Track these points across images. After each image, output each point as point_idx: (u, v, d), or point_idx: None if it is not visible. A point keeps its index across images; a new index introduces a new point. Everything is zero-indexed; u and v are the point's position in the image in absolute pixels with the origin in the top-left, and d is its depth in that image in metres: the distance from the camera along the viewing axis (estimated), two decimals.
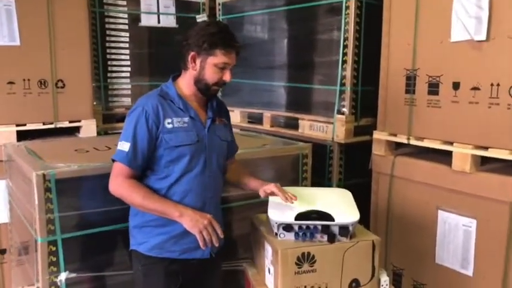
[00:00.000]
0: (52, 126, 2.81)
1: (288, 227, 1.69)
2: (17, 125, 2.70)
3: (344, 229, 1.68)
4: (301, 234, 1.69)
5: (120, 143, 1.66)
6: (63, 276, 1.86)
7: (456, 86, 2.09)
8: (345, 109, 2.65)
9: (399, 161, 2.38)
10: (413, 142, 2.31)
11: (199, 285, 1.79)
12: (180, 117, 1.69)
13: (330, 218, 1.68)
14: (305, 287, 1.66)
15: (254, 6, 3.25)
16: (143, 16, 3.33)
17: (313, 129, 2.82)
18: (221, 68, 1.67)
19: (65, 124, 2.85)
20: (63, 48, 2.79)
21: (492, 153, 1.98)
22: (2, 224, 2.65)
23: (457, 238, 2.13)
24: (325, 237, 1.68)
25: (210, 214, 1.66)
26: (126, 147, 1.63)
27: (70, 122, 2.86)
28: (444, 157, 2.17)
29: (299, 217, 1.68)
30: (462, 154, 2.07)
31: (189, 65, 1.69)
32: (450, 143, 2.13)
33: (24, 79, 2.70)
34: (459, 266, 2.14)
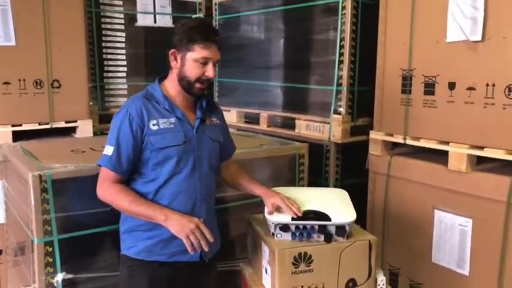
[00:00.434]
0: (48, 126, 2.80)
1: (285, 227, 1.69)
2: (13, 126, 2.69)
3: (341, 229, 1.69)
4: (298, 234, 1.69)
5: (105, 147, 1.64)
6: (59, 277, 1.85)
7: (452, 86, 2.10)
8: (342, 109, 2.66)
9: (395, 161, 2.39)
10: (409, 142, 2.32)
11: None
12: (166, 118, 1.66)
13: (327, 218, 1.68)
14: (302, 287, 1.66)
15: (250, 6, 3.26)
16: (139, 16, 3.32)
17: (309, 129, 2.82)
18: (202, 64, 1.63)
19: (61, 124, 2.84)
20: (59, 48, 2.79)
21: (488, 153, 1.98)
22: None
23: (453, 238, 2.14)
24: (321, 237, 1.69)
25: (201, 217, 1.64)
26: (110, 151, 1.61)
27: (66, 122, 2.85)
28: (440, 157, 2.18)
29: (296, 217, 1.68)
30: (458, 154, 2.07)
31: (172, 63, 1.67)
32: (446, 143, 2.14)
33: (19, 79, 2.69)
34: (455, 266, 2.15)
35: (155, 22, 3.40)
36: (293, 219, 1.67)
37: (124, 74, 3.31)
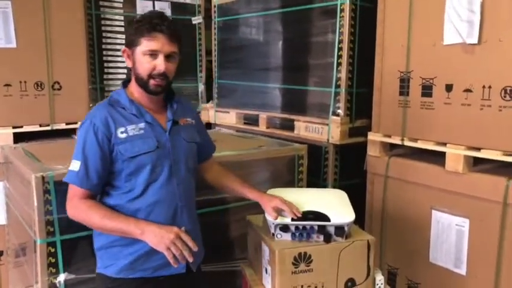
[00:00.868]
0: (49, 128, 2.83)
1: (285, 228, 1.70)
2: (14, 127, 2.72)
3: (340, 229, 1.70)
4: (297, 234, 1.70)
5: (71, 163, 1.52)
6: (62, 277, 1.87)
7: (449, 88, 2.12)
8: (340, 111, 2.67)
9: (393, 162, 2.41)
10: (407, 143, 2.33)
11: None
12: (135, 124, 1.55)
13: (326, 219, 1.69)
14: (302, 287, 1.68)
15: (250, 8, 3.26)
16: None
17: (308, 130, 2.83)
18: (151, 56, 1.52)
19: (62, 126, 2.87)
20: (59, 50, 2.82)
21: (484, 154, 2.00)
22: None
23: (450, 237, 2.15)
24: (321, 237, 1.70)
25: (183, 225, 1.53)
26: (76, 166, 1.50)
27: (66, 124, 2.88)
28: (438, 158, 2.19)
29: (295, 218, 1.69)
30: (455, 155, 2.09)
31: (126, 63, 1.58)
32: (443, 144, 2.15)
33: (20, 81, 2.72)
34: (452, 265, 2.16)
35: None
36: (293, 219, 1.68)
37: (124, 76, 3.32)
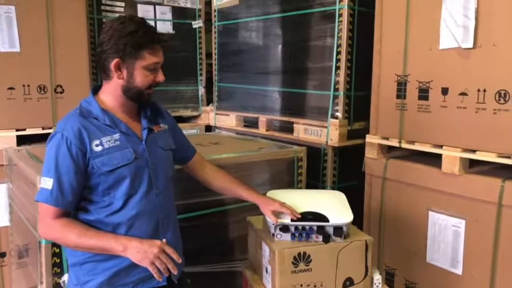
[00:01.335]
0: (51, 131, 2.83)
1: (285, 228, 1.72)
2: (17, 130, 2.73)
3: (338, 230, 1.73)
4: (297, 234, 1.72)
5: (42, 180, 1.42)
6: (66, 277, 1.86)
7: (445, 92, 2.15)
8: (339, 113, 2.70)
9: (391, 164, 2.43)
10: (404, 145, 2.36)
11: None
12: (109, 135, 1.47)
13: (325, 219, 1.72)
14: (301, 286, 1.70)
15: (249, 12, 3.28)
16: None
17: (307, 133, 2.85)
18: (152, 70, 1.49)
19: None
20: (62, 54, 2.84)
21: (480, 156, 2.03)
22: (2, 228, 2.68)
23: (447, 238, 2.18)
24: (320, 237, 1.72)
25: (166, 236, 1.51)
26: (49, 184, 1.40)
27: None
28: (434, 160, 2.22)
29: (295, 218, 1.72)
30: (451, 157, 2.12)
31: (113, 74, 1.47)
32: (440, 146, 2.18)
33: (24, 85, 2.74)
34: (449, 265, 2.19)
35: (155, 28, 3.44)
36: (292, 220, 1.71)
37: None
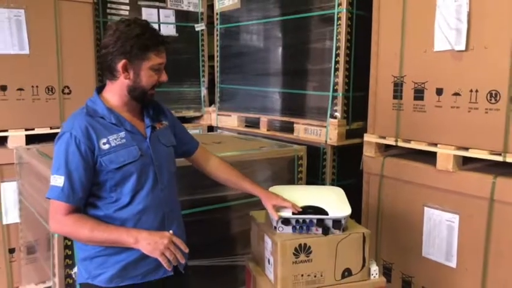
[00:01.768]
0: (58, 130, 2.88)
1: (286, 221, 1.78)
2: (26, 129, 2.80)
3: (337, 222, 1.78)
4: (298, 227, 1.78)
5: (52, 178, 1.46)
6: (77, 268, 1.91)
7: (439, 92, 2.20)
8: (337, 113, 2.73)
9: (388, 162, 2.48)
10: (401, 144, 2.40)
11: None
12: (115, 133, 1.52)
13: (324, 213, 1.77)
14: (302, 276, 1.76)
15: (250, 16, 3.32)
16: None
17: (307, 132, 2.88)
18: (156, 70, 1.55)
19: None
20: (69, 56, 2.91)
21: (472, 153, 2.08)
22: (11, 224, 2.73)
23: (442, 233, 2.23)
24: (320, 230, 1.78)
25: (171, 230, 1.54)
26: (60, 182, 1.44)
27: None
28: (429, 158, 2.27)
29: (296, 212, 1.77)
30: (445, 155, 2.17)
31: (120, 75, 1.52)
32: (434, 145, 2.23)
33: (32, 86, 2.81)
34: (444, 259, 2.24)
35: (159, 31, 3.51)
36: (293, 213, 1.76)
37: None
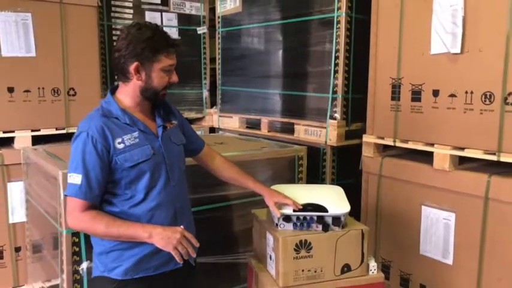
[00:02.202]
0: (64, 131, 2.95)
1: (287, 218, 1.82)
2: (32, 130, 2.84)
3: (336, 219, 1.83)
4: (299, 224, 1.82)
5: (69, 176, 1.52)
6: (84, 265, 1.99)
7: (436, 94, 2.24)
8: (337, 115, 2.77)
9: (387, 162, 2.52)
10: (398, 144, 2.44)
11: None
12: (129, 133, 1.58)
13: (324, 210, 1.82)
14: (303, 271, 1.80)
15: (252, 19, 3.35)
16: None
17: (307, 133, 2.91)
18: (167, 71, 1.60)
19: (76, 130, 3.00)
20: (74, 58, 2.95)
21: (468, 153, 2.12)
22: (18, 224, 2.77)
23: (439, 231, 2.27)
24: (320, 226, 1.82)
25: (182, 225, 1.58)
26: (77, 179, 1.50)
27: None
28: (426, 157, 2.30)
29: (297, 209, 1.82)
30: (442, 154, 2.21)
31: (133, 77, 1.57)
32: (431, 145, 2.27)
33: (39, 87, 2.86)
34: (441, 256, 2.27)
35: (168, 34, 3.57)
36: (294, 211, 1.81)
37: None
